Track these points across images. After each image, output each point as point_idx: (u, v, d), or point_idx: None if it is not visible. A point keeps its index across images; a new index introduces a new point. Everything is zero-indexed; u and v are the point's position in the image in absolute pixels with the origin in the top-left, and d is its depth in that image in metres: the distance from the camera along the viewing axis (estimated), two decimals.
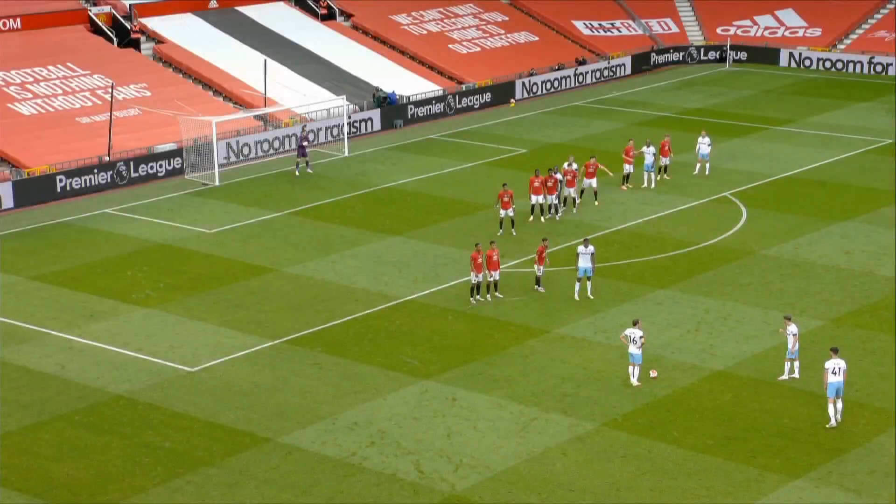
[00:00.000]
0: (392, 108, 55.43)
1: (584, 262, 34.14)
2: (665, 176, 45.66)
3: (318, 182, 46.83)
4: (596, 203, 42.63)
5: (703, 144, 46.28)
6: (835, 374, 26.42)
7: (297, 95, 54.38)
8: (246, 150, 50.15)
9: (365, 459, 25.86)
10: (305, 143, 47.63)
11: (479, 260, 33.71)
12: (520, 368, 30.16)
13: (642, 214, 41.90)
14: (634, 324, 29.23)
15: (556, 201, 41.24)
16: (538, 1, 69.97)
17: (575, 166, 42.23)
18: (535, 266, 34.72)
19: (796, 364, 28.91)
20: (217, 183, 46.69)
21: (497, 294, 34.35)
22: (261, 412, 28.03)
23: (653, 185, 44.85)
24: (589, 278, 34.34)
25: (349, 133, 52.01)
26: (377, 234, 40.53)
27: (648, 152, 44.74)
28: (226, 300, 34.85)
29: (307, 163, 47.79)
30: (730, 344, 31.24)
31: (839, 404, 26.68)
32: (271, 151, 50.70)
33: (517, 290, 34.95)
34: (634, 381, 28.91)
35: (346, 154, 50.45)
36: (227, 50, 57.81)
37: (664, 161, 45.73)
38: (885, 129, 52.83)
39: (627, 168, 44.76)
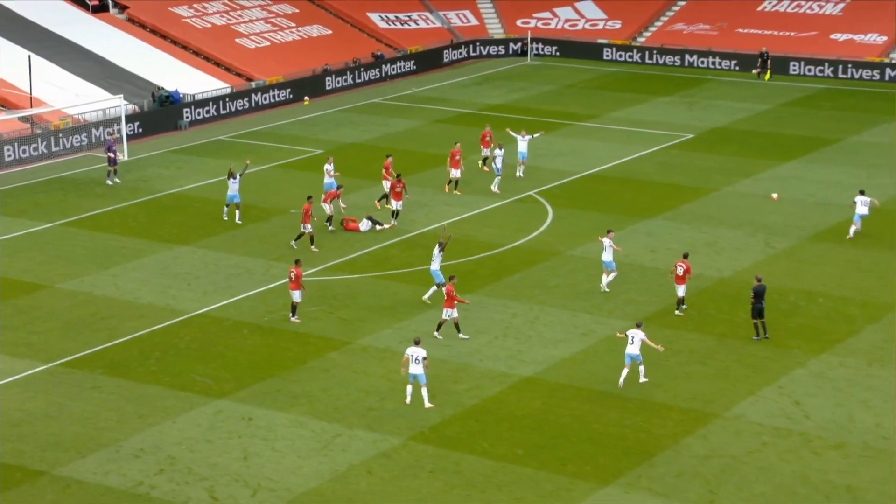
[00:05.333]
0: (175, 108, 54.48)
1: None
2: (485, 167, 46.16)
3: (94, 189, 45.55)
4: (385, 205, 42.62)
5: (523, 144, 46.61)
6: (631, 343, 29.16)
7: (69, 95, 52.77)
8: (9, 155, 48.33)
9: (153, 489, 25.37)
10: (112, 154, 45.94)
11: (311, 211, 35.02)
12: (321, 383, 30.17)
13: (446, 216, 42.50)
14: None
15: (399, 207, 41.16)
16: None
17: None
18: (445, 310, 32.12)
19: (640, 367, 29.70)
20: None
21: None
22: (34, 443, 27.12)
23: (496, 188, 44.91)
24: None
25: (128, 135, 50.81)
26: (162, 245, 39.76)
27: (499, 154, 45.02)
28: None
29: (115, 171, 46.16)
30: (538, 349, 32.06)
31: (641, 368, 29.50)
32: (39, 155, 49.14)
33: (317, 301, 34.90)
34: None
35: (126, 158, 49.25)
36: None
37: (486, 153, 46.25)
38: (686, 124, 55.24)
39: (454, 173, 44.57)
